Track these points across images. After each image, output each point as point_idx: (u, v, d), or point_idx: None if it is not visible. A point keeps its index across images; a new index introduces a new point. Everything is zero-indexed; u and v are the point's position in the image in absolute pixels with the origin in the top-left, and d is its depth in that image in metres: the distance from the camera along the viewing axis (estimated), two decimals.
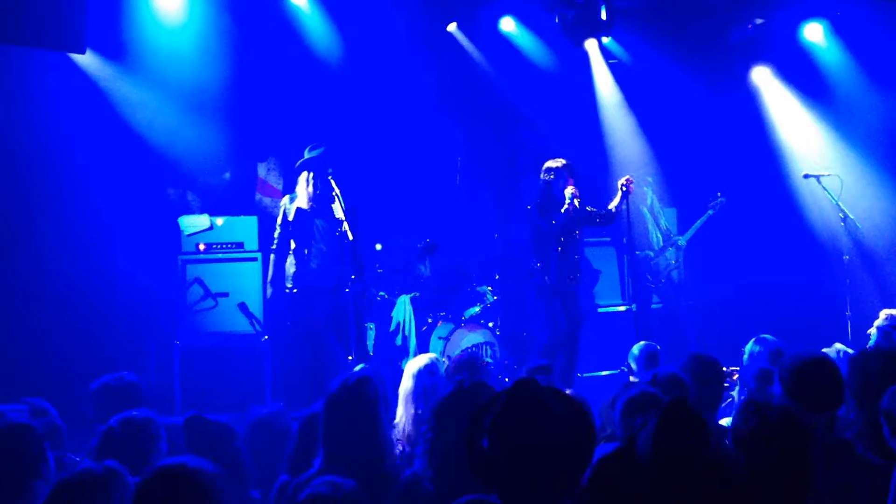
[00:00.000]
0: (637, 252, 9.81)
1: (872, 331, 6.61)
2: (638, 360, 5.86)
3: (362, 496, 2.84)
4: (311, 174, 7.44)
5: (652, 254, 9.93)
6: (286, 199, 7.62)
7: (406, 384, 5.00)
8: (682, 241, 9.95)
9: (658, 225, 9.92)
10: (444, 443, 3.18)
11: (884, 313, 6.69)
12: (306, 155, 7.49)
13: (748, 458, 2.10)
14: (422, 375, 4.96)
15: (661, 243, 9.86)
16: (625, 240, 9.57)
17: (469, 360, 5.17)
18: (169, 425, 4.07)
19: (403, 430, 4.51)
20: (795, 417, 2.10)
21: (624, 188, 7.68)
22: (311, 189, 7.42)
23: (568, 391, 4.65)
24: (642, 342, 6.10)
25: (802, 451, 2.08)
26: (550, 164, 7.93)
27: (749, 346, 5.79)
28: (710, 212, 9.85)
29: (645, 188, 9.89)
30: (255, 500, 3.74)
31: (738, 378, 5.37)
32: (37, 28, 6.51)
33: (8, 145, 7.60)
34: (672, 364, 4.65)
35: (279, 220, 7.61)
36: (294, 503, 2.83)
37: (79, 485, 2.86)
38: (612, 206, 7.83)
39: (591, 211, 7.93)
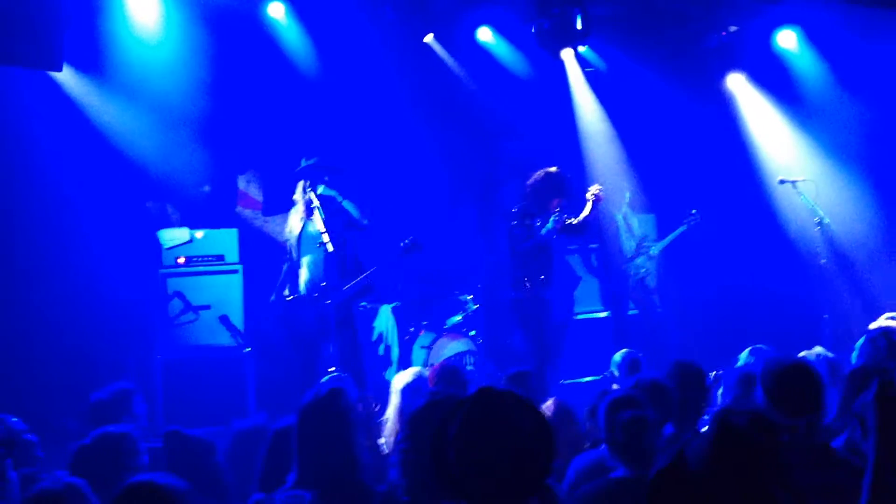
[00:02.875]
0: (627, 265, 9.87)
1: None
2: (620, 367, 5.91)
3: None
4: (306, 183, 7.46)
5: (641, 264, 9.94)
6: (293, 209, 7.64)
7: (394, 400, 5.04)
8: (654, 250, 10.00)
9: (631, 231, 9.96)
10: (418, 453, 3.20)
11: (875, 326, 6.71)
12: (302, 164, 7.51)
13: (720, 466, 2.14)
14: (406, 393, 5.00)
15: (633, 250, 9.90)
16: (592, 246, 9.62)
17: (451, 368, 5.20)
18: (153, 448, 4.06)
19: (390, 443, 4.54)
20: (760, 424, 2.14)
21: (593, 197, 7.64)
22: (302, 199, 7.45)
23: (549, 401, 4.70)
24: (624, 350, 6.13)
25: (769, 456, 2.12)
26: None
27: (744, 357, 5.80)
28: (684, 227, 9.89)
29: (626, 193, 9.94)
30: None
31: (720, 384, 5.38)
32: (12, 47, 6.48)
33: None
34: (654, 371, 4.68)
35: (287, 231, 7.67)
36: None
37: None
38: (582, 216, 7.70)
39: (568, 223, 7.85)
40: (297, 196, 7.51)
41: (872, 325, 6.45)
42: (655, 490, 2.16)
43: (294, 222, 7.51)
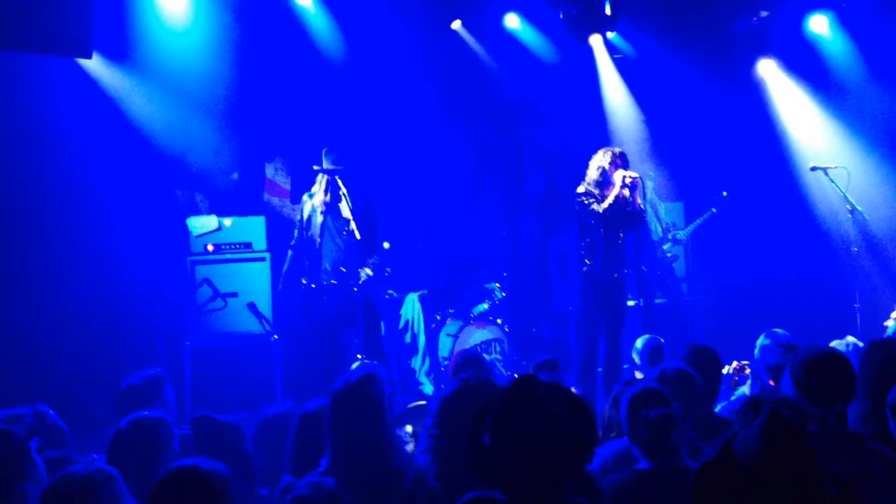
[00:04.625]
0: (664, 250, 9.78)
1: (890, 323, 6.57)
2: (641, 354, 5.85)
3: (362, 492, 2.86)
4: (327, 174, 7.48)
5: (668, 250, 9.85)
6: (305, 196, 7.67)
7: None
8: (681, 234, 9.91)
9: (658, 217, 9.88)
10: (449, 440, 3.21)
11: None
12: (323, 156, 7.52)
13: (771, 458, 2.12)
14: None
15: (660, 236, 9.83)
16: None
17: (472, 357, 5.20)
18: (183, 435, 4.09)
19: None
20: (783, 415, 2.11)
21: (629, 181, 7.40)
22: (325, 188, 7.47)
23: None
24: (646, 336, 6.07)
25: (797, 448, 2.10)
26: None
27: (760, 340, 5.78)
28: (713, 210, 9.79)
29: (647, 181, 9.85)
30: (263, 498, 3.76)
31: (749, 372, 5.36)
32: (43, 34, 6.55)
33: (17, 150, 7.65)
34: (676, 358, 4.66)
35: (298, 217, 7.68)
36: None
37: (65, 486, 2.88)
38: (612, 196, 7.29)
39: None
40: (317, 187, 7.51)
41: (894, 314, 6.40)
42: (702, 482, 2.13)
43: (312, 210, 7.52)
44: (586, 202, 7.36)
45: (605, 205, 7.31)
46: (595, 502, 2.60)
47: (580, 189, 7.45)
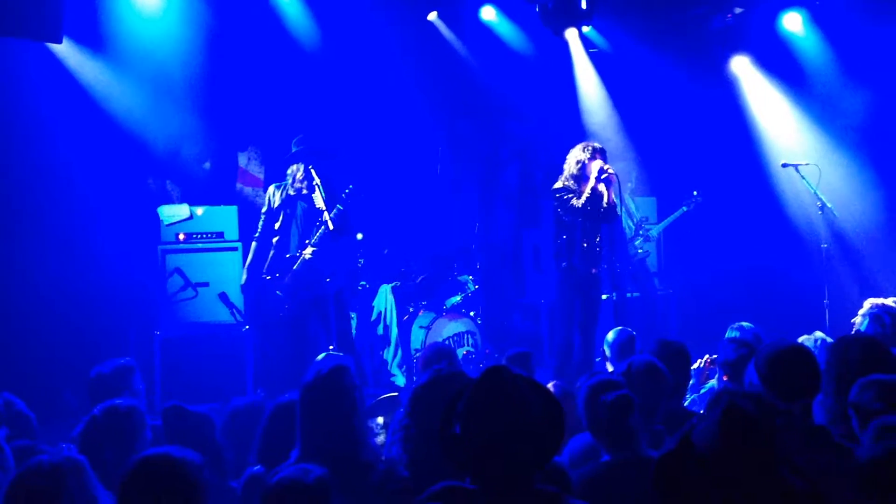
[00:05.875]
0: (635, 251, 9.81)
1: (858, 319, 6.61)
2: (612, 346, 5.84)
3: (334, 483, 2.86)
4: (301, 164, 7.46)
5: (639, 245, 9.89)
6: (272, 187, 7.63)
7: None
8: (653, 232, 9.96)
9: (630, 214, 9.92)
10: (420, 430, 3.23)
11: (868, 303, 6.69)
12: (294, 147, 7.49)
13: (728, 449, 2.14)
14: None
15: (632, 232, 9.87)
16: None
17: (443, 349, 5.18)
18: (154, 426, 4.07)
19: None
20: (741, 406, 2.14)
21: (604, 175, 7.38)
22: (300, 178, 7.44)
23: (550, 384, 4.68)
24: (617, 328, 6.08)
25: (775, 438, 2.12)
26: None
27: (728, 333, 5.82)
28: (685, 208, 9.85)
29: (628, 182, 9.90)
30: (233, 489, 3.74)
31: (717, 365, 5.39)
32: (12, 18, 6.44)
33: None
34: (646, 351, 4.68)
35: (264, 209, 7.64)
36: (265, 488, 2.85)
37: (33, 475, 2.85)
38: (588, 190, 7.23)
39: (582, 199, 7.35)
40: (299, 175, 7.48)
41: (862, 311, 6.45)
42: (662, 473, 2.15)
43: (285, 200, 7.49)
44: (565, 198, 7.35)
45: (583, 199, 7.26)
46: (565, 491, 2.61)
47: (558, 184, 7.43)
